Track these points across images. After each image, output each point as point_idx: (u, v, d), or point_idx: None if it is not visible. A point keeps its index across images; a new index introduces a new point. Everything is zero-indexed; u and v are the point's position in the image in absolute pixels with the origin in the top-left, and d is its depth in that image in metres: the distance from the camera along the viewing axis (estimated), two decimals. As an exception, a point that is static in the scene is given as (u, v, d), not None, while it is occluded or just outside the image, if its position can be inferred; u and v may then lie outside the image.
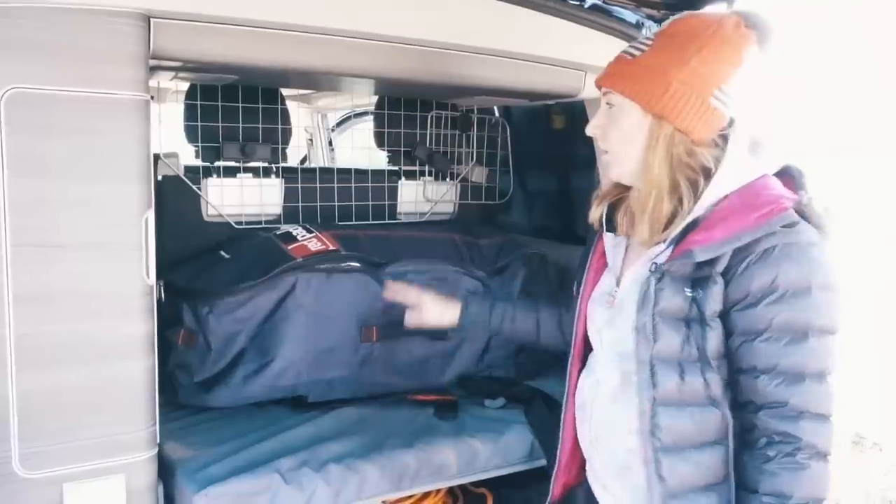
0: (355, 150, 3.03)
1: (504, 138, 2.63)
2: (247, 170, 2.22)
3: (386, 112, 2.41)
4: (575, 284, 1.50)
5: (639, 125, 1.27)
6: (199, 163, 2.18)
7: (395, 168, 2.49)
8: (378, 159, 2.60)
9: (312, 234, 2.08)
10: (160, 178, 2.08)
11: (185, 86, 2.16)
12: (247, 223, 2.18)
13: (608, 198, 1.42)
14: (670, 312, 1.24)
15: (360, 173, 2.36)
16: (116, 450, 1.43)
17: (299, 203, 2.23)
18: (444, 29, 1.72)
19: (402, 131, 2.41)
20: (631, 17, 1.93)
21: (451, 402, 2.03)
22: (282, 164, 2.27)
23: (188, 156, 2.20)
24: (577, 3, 1.85)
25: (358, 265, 2.02)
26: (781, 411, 1.20)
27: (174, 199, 2.10)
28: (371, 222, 2.30)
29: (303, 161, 3.87)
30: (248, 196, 2.20)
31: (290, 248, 2.02)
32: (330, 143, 3.97)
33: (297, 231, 2.11)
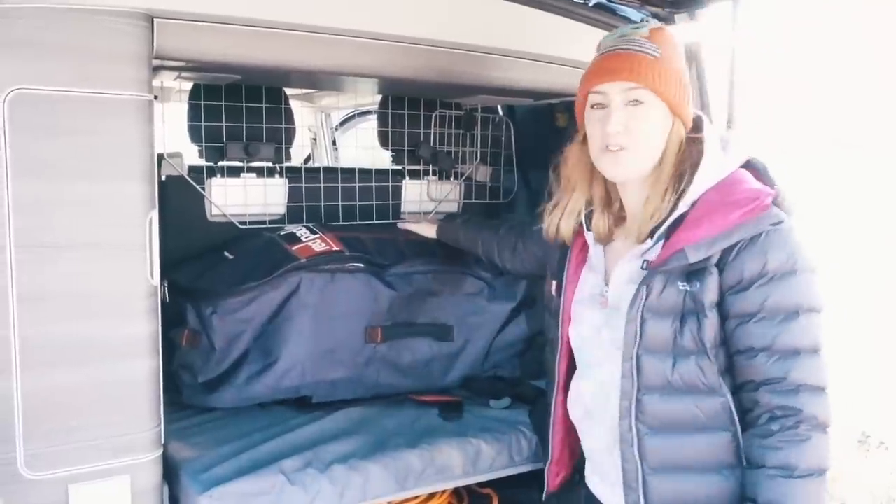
0: (359, 150, 3.02)
1: (508, 137, 2.62)
2: (250, 169, 2.22)
3: (390, 111, 2.40)
4: (550, 286, 1.54)
5: (663, 124, 1.34)
6: (202, 162, 2.18)
7: (399, 167, 2.48)
8: (382, 159, 2.59)
9: (317, 235, 2.08)
10: (164, 178, 2.08)
11: (188, 85, 2.16)
12: (251, 223, 2.18)
13: (576, 210, 1.46)
14: (663, 307, 1.30)
15: (364, 173, 2.35)
16: (121, 451, 1.43)
17: (303, 203, 2.23)
18: (447, 28, 1.72)
19: (406, 130, 2.40)
20: (635, 14, 1.92)
21: (455, 403, 2.02)
22: (285, 164, 2.26)
23: (192, 156, 2.19)
24: (581, 1, 1.84)
25: (362, 266, 2.02)
26: (780, 386, 1.26)
27: (178, 199, 2.10)
28: (375, 222, 2.30)
29: (306, 160, 3.87)
30: (251, 196, 2.20)
31: (294, 248, 2.02)
32: (334, 143, 3.97)
33: (301, 232, 2.10)
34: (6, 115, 1.28)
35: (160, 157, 2.03)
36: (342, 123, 3.92)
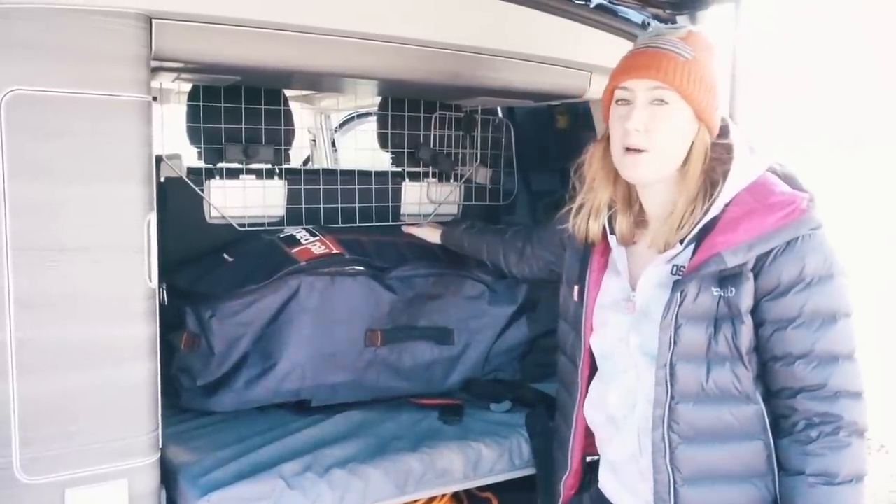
0: (359, 152, 3.01)
1: (508, 139, 2.62)
2: (250, 171, 2.21)
3: (389, 113, 2.39)
4: (570, 290, 1.50)
5: (686, 128, 1.30)
6: (201, 164, 2.17)
7: (399, 169, 2.47)
8: (381, 160, 2.58)
9: (316, 238, 2.07)
10: (163, 179, 2.07)
11: (187, 87, 2.15)
12: (250, 225, 2.17)
13: (602, 210, 1.43)
14: (697, 312, 1.27)
15: (364, 174, 2.34)
16: (119, 455, 1.42)
17: (303, 205, 2.22)
18: (448, 30, 1.71)
19: (406, 132, 2.40)
20: (637, 16, 1.92)
21: (455, 406, 2.01)
22: (285, 166, 2.25)
23: (191, 157, 2.18)
24: (582, 3, 1.84)
25: (362, 269, 2.01)
26: (820, 393, 1.24)
27: (177, 201, 2.09)
28: (374, 224, 2.29)
29: (306, 162, 3.86)
30: (251, 198, 2.19)
31: (293, 251, 2.01)
32: (333, 145, 3.96)
33: (301, 234, 2.09)
34: (4, 116, 1.27)
35: (159, 159, 2.02)
36: (342, 125, 3.91)
